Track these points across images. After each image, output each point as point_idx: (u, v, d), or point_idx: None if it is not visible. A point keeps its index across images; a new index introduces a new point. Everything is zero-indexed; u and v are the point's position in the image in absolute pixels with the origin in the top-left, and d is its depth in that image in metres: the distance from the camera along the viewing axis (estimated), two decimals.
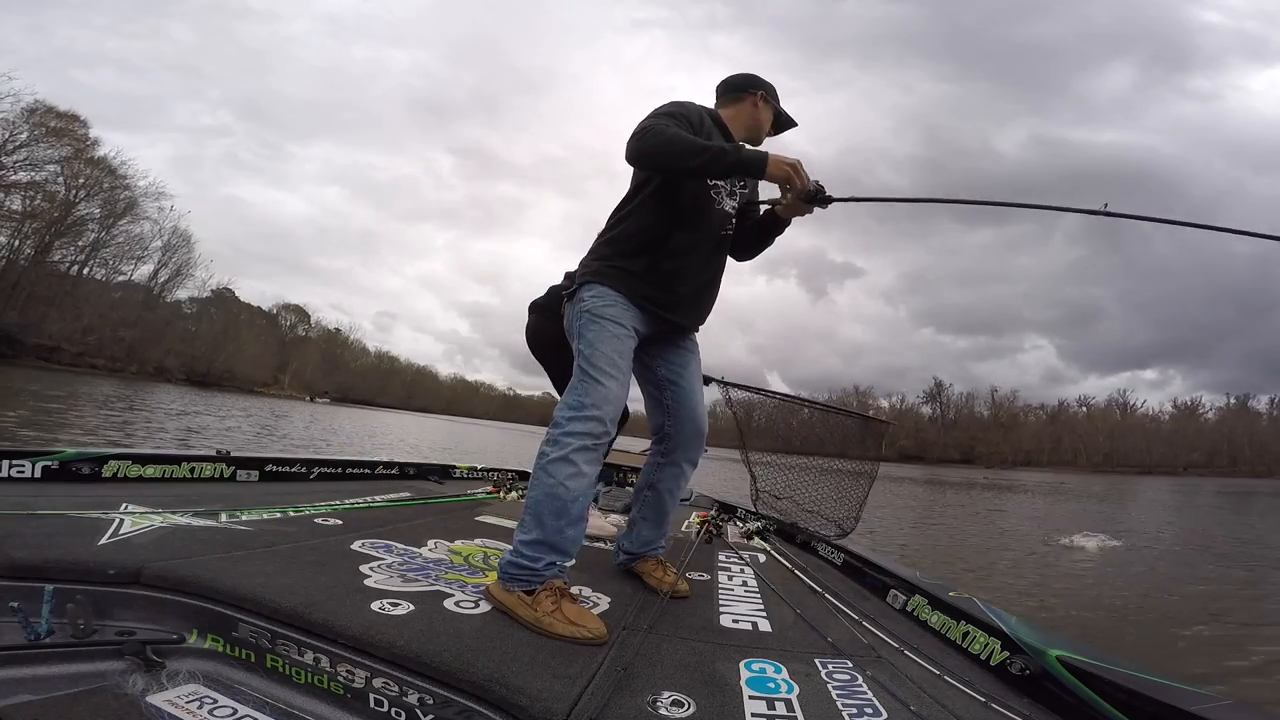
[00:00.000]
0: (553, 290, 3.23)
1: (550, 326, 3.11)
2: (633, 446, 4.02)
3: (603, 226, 1.93)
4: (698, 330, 2.05)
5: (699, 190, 1.86)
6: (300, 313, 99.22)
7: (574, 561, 1.69)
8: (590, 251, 1.90)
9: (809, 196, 1.79)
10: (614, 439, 1.90)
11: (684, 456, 2.02)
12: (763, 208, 2.06)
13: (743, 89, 1.97)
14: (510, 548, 1.62)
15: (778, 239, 2.03)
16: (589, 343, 1.75)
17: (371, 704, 1.16)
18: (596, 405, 1.68)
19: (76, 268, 46.28)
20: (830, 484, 3.33)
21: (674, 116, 1.78)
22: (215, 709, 1.12)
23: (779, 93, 2.03)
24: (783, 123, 2.05)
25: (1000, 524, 12.34)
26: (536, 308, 3.30)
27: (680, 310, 1.89)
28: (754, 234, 2.03)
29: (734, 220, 1.97)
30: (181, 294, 58.65)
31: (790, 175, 1.73)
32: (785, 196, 1.84)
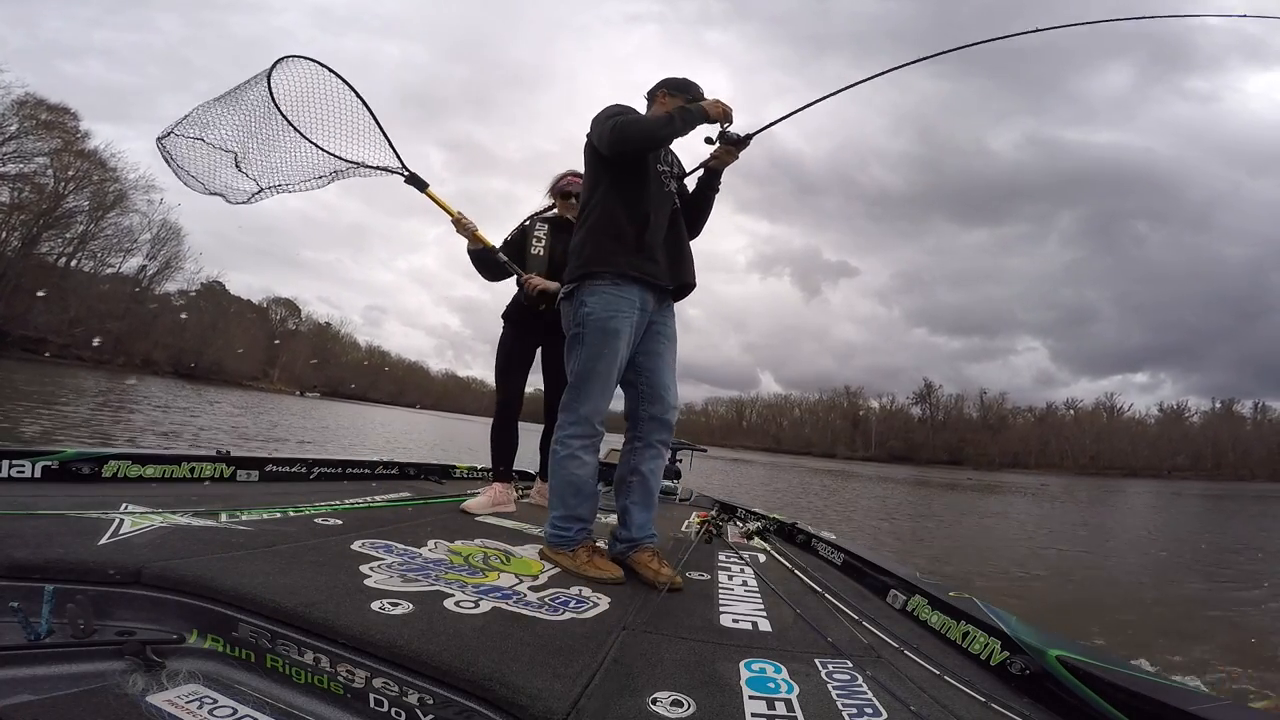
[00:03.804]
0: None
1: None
2: None
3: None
4: (688, 294, 2.31)
5: (654, 175, 2.15)
6: (290, 306, 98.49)
7: (593, 526, 2.15)
8: (575, 241, 2.16)
9: (737, 140, 2.16)
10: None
11: (657, 438, 2.21)
12: (697, 173, 2.35)
13: (654, 91, 2.27)
14: (548, 522, 2.13)
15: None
16: (590, 355, 2.06)
17: (371, 704, 1.16)
18: (591, 415, 2.11)
19: (64, 260, 45.73)
20: None
21: (625, 110, 2.11)
22: (215, 709, 1.12)
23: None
24: None
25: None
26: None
27: (668, 275, 2.18)
28: (695, 204, 2.35)
29: (677, 201, 2.27)
30: (170, 287, 57.88)
31: (727, 109, 2.11)
32: (718, 147, 2.18)
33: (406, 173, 2.87)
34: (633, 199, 2.08)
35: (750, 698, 1.20)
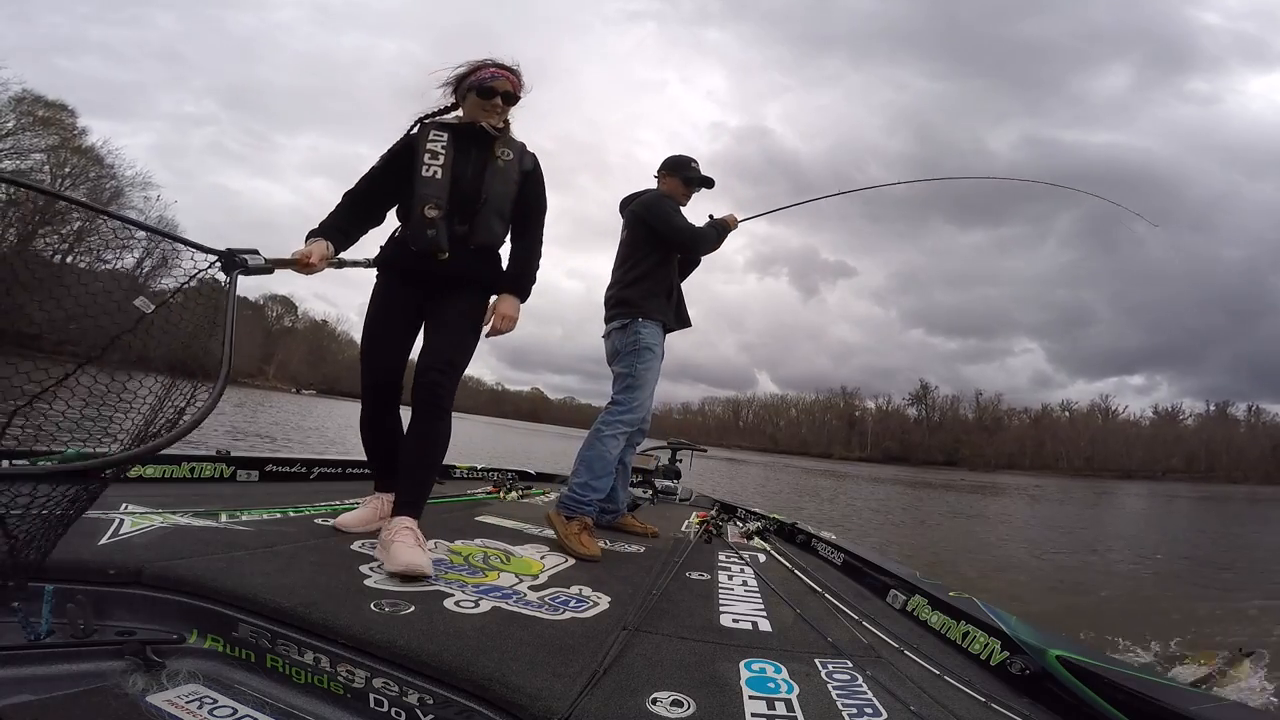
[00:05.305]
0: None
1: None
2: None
3: (622, 263, 2.84)
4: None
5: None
6: (287, 304, 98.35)
7: (601, 497, 2.53)
8: (625, 293, 2.75)
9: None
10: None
11: (637, 441, 2.94)
12: None
13: (658, 173, 2.94)
14: (567, 486, 2.50)
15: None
16: (644, 368, 2.67)
17: (371, 704, 1.16)
18: (639, 408, 2.66)
19: (60, 256, 45.59)
20: None
21: (680, 213, 2.80)
22: (215, 709, 1.12)
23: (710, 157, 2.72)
24: (698, 182, 2.90)
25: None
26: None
27: (678, 324, 2.94)
28: (688, 264, 3.10)
29: None
30: (166, 283, 57.75)
31: (738, 221, 2.97)
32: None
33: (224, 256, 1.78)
34: (671, 270, 2.85)
35: (750, 698, 1.20)
